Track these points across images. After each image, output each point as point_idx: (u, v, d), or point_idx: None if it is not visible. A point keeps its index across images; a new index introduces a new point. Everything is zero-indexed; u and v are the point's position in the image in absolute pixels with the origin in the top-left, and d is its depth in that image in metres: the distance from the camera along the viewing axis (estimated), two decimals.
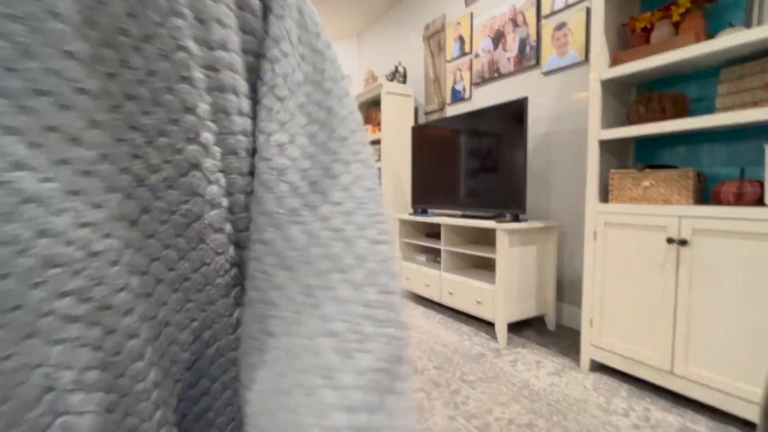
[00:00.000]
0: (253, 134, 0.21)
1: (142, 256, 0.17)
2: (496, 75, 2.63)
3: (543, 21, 2.31)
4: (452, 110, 3.06)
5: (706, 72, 1.55)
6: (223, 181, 0.19)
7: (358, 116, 0.25)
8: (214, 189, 0.19)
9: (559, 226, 2.23)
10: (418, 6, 3.43)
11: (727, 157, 1.50)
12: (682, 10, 1.44)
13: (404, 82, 3.37)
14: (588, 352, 1.62)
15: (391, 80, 3.40)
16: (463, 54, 2.90)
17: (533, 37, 2.36)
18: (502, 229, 1.91)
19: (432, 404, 1.40)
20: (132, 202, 0.16)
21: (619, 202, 1.56)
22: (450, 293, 2.27)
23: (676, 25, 1.48)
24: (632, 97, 1.77)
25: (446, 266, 2.38)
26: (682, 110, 1.49)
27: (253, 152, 0.21)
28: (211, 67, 0.18)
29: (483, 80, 2.73)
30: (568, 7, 2.17)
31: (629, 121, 1.62)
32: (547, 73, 2.30)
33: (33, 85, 0.14)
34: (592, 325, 1.60)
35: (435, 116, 3.22)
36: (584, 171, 2.11)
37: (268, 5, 0.21)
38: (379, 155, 3.36)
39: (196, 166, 0.17)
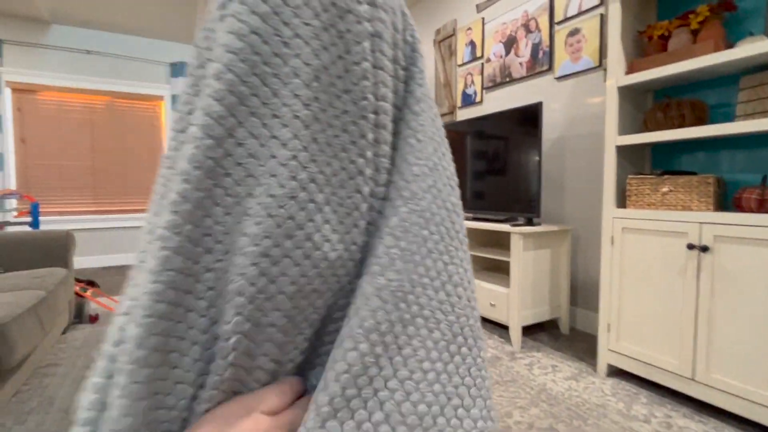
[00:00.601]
0: (391, 160, 0.29)
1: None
2: (508, 79, 2.64)
3: (556, 27, 2.32)
4: (463, 114, 3.07)
5: (725, 79, 1.56)
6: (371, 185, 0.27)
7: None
8: (366, 189, 0.27)
9: (573, 229, 2.24)
10: (428, 11, 3.45)
11: (748, 163, 1.50)
12: (700, 18, 1.45)
13: None
14: (605, 356, 1.62)
15: None
16: (475, 58, 2.91)
17: (546, 42, 2.38)
18: (517, 232, 1.92)
19: None
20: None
21: (636, 207, 1.57)
22: None
23: (695, 33, 1.49)
24: (648, 103, 1.78)
25: None
26: (701, 117, 1.50)
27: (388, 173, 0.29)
28: (376, 112, 0.27)
29: (494, 84, 2.75)
30: (581, 13, 2.18)
31: (646, 127, 1.63)
32: (560, 78, 2.31)
33: (272, 112, 0.23)
34: (609, 329, 1.61)
35: (445, 119, 3.23)
36: (599, 175, 2.12)
37: (411, 77, 0.31)
38: None
39: (361, 172, 0.26)
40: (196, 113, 0.23)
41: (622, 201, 1.66)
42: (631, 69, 1.62)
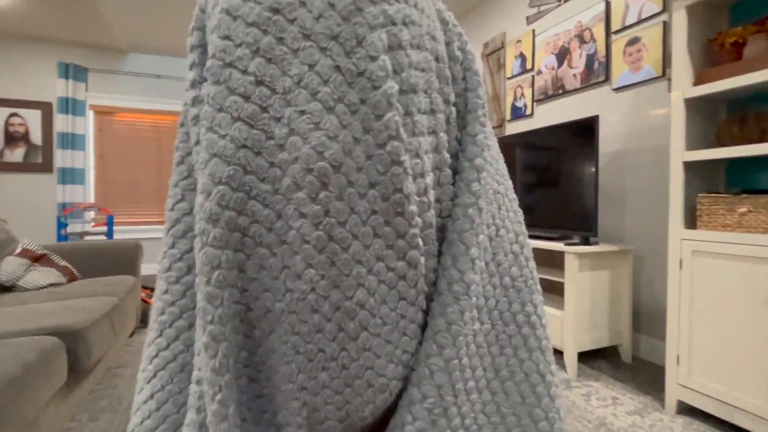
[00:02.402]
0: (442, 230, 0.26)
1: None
2: (560, 91, 2.55)
3: (613, 36, 2.22)
4: (512, 127, 3.00)
5: None
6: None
7: None
8: (413, 297, 0.23)
9: (635, 250, 2.10)
10: (476, 25, 3.44)
11: None
12: None
13: None
14: (674, 392, 1.49)
15: None
16: (525, 71, 2.85)
17: (602, 52, 2.28)
18: (572, 251, 1.83)
19: None
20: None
21: (709, 228, 1.44)
22: None
23: None
24: (720, 116, 1.64)
25: None
26: None
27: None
28: (417, 198, 0.22)
29: (546, 97, 2.67)
30: (641, 21, 2.07)
31: (719, 141, 1.50)
32: (618, 89, 2.20)
33: (279, 238, 0.20)
34: (678, 362, 1.47)
35: (495, 132, 3.17)
36: (663, 192, 1.98)
37: (470, 110, 0.27)
38: None
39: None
40: (197, 243, 0.20)
41: (691, 221, 1.53)
42: (699, 79, 1.51)
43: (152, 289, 2.83)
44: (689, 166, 1.53)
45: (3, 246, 2.04)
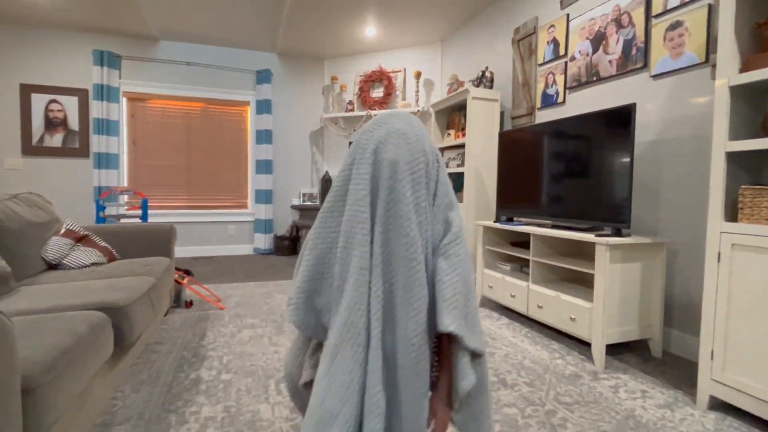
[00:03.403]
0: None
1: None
2: (594, 78, 2.48)
3: (653, 20, 2.13)
4: (542, 115, 2.94)
5: None
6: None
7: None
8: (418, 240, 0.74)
9: (669, 243, 2.04)
10: (507, 10, 3.35)
11: None
12: None
13: (491, 86, 3.31)
14: (707, 387, 1.46)
15: (478, 85, 3.35)
16: (557, 57, 2.77)
17: (641, 37, 2.19)
18: (603, 243, 1.80)
19: (526, 422, 1.36)
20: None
21: (751, 221, 1.39)
22: (539, 306, 2.19)
23: None
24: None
25: (535, 278, 2.29)
26: None
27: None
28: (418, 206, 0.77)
29: (579, 84, 2.59)
30: (684, 4, 1.98)
31: (765, 131, 1.44)
32: (657, 76, 2.11)
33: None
34: (713, 357, 1.44)
35: (523, 121, 3.11)
36: (703, 184, 1.91)
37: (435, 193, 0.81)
38: (463, 161, 3.33)
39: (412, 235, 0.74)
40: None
41: (731, 214, 1.48)
42: (747, 66, 1.43)
43: (185, 271, 2.93)
44: (732, 157, 1.47)
45: (49, 226, 2.15)
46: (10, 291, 1.58)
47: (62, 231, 2.18)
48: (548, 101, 2.86)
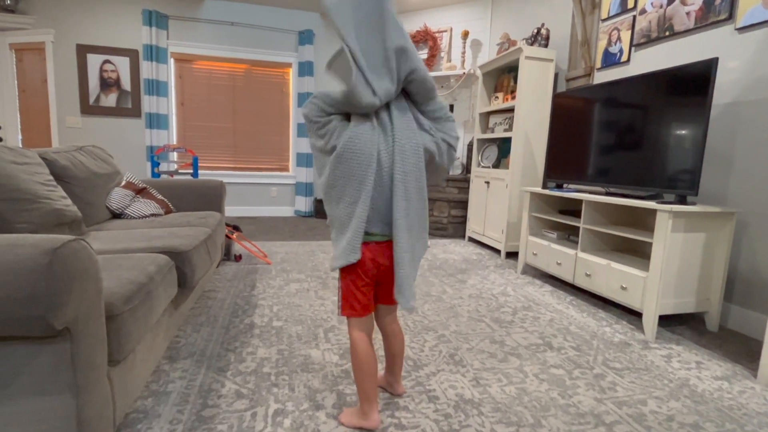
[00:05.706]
0: None
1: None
2: (667, 33, 2.26)
3: None
4: (601, 76, 2.74)
5: None
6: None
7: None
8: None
9: (740, 213, 1.90)
10: None
11: None
12: None
13: (546, 45, 3.11)
14: None
15: (531, 44, 3.16)
16: (625, 11, 2.54)
17: None
18: (666, 210, 1.69)
19: (574, 383, 1.35)
20: None
21: None
22: (587, 275, 2.13)
23: None
24: None
25: (584, 246, 2.22)
26: None
27: None
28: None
29: (648, 40, 2.38)
30: None
31: None
32: (744, 29, 1.90)
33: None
34: None
35: (579, 82, 2.92)
36: None
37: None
38: (510, 125, 3.20)
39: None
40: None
41: None
42: None
43: (234, 227, 3.06)
44: None
45: (111, 178, 2.28)
46: (83, 235, 1.71)
47: (123, 183, 2.31)
48: (610, 60, 2.66)
